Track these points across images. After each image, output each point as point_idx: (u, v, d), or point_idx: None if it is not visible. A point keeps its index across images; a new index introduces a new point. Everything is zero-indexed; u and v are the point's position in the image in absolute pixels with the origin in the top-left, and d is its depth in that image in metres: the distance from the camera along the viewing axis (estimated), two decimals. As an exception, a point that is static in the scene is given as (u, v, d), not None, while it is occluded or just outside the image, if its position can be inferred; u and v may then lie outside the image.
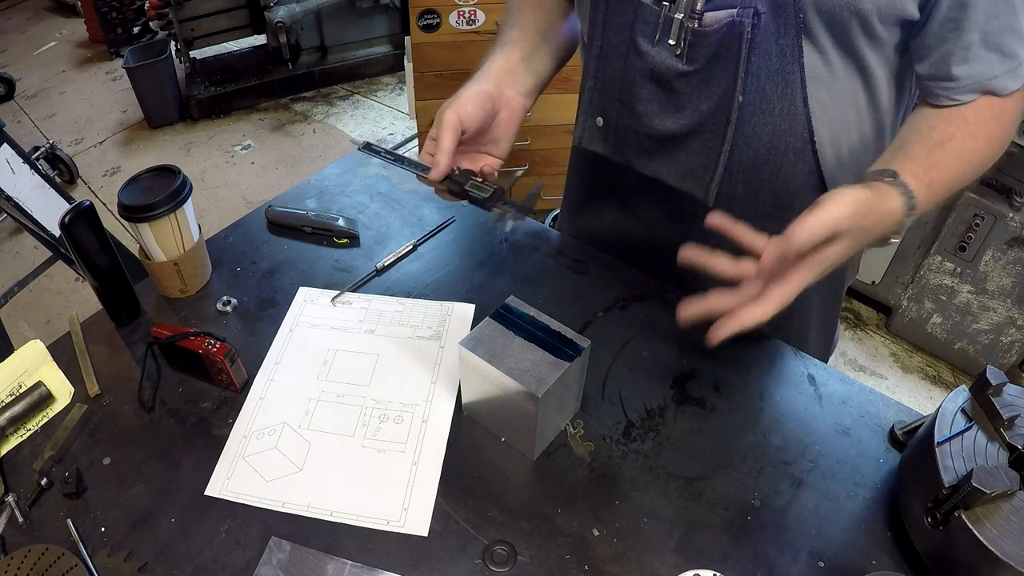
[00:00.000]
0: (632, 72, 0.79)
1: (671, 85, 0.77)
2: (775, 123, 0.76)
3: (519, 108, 0.84)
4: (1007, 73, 0.71)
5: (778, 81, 0.73)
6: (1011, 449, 0.62)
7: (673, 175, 0.83)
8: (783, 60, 0.72)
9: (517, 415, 0.69)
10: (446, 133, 0.75)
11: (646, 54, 0.76)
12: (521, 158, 2.39)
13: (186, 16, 3.26)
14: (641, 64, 0.78)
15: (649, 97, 0.80)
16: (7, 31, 4.43)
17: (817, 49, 0.72)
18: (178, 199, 0.85)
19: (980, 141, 0.73)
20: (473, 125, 0.77)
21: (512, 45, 0.87)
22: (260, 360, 0.84)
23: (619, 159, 0.87)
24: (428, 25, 2.17)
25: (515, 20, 0.89)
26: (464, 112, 0.76)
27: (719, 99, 0.75)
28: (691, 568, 0.63)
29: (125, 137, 3.36)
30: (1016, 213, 1.81)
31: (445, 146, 0.75)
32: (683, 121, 0.79)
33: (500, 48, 0.87)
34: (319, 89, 3.67)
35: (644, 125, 0.82)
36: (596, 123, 0.86)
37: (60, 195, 1.75)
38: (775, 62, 0.72)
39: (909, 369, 2.17)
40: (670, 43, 0.74)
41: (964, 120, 0.73)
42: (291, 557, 0.65)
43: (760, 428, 0.76)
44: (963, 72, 0.71)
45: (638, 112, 0.81)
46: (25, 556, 0.63)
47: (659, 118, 0.80)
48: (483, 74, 0.84)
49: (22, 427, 0.77)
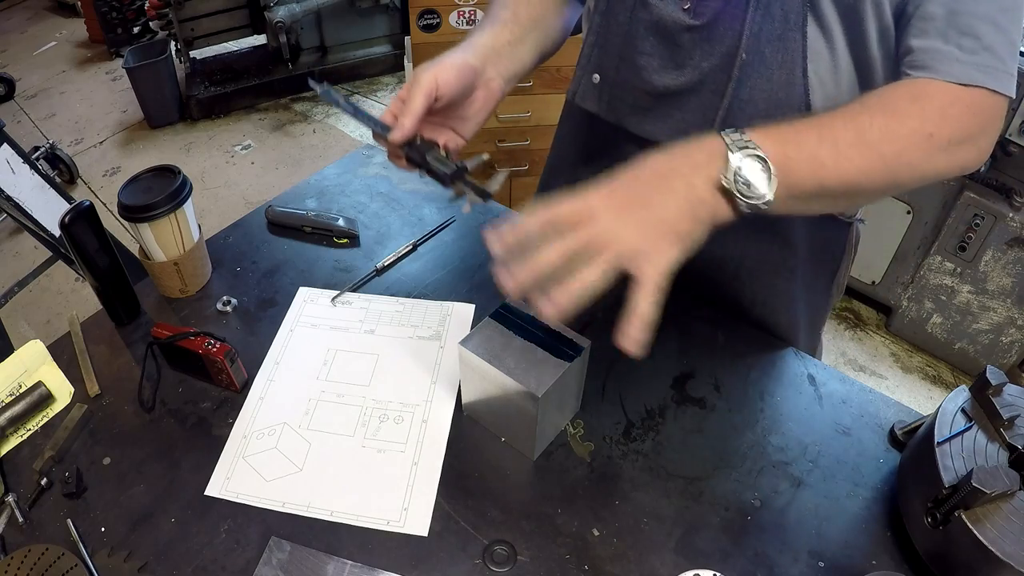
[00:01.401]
0: (636, 24, 0.78)
1: (675, 39, 0.77)
2: (772, 90, 0.75)
3: (497, 90, 0.81)
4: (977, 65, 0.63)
5: (778, 47, 0.73)
6: (1011, 449, 0.62)
7: (667, 134, 0.81)
8: (786, 25, 0.71)
9: (517, 415, 0.69)
10: (418, 94, 0.70)
11: (652, 5, 0.76)
12: (521, 158, 2.39)
13: (186, 16, 3.26)
14: (647, 16, 0.77)
15: (651, 51, 0.79)
16: (7, 31, 4.43)
17: (820, 24, 0.71)
18: (178, 199, 0.85)
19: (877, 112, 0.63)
20: (449, 94, 0.73)
21: (502, 25, 0.83)
22: (260, 360, 0.84)
23: (611, 118, 0.86)
24: (428, 25, 2.17)
25: (507, 2, 0.87)
26: (444, 78, 0.72)
27: (721, 57, 0.75)
28: (691, 568, 0.63)
29: (125, 137, 3.36)
30: (1016, 213, 1.81)
31: (414, 107, 0.70)
32: (683, 78, 0.78)
33: (489, 26, 0.84)
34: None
35: (643, 80, 0.81)
36: (592, 80, 0.85)
37: (60, 195, 1.75)
38: (778, 27, 0.71)
39: (909, 369, 2.17)
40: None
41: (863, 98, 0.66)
42: (291, 557, 0.65)
43: (760, 428, 0.76)
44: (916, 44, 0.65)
45: (638, 66, 0.80)
46: (25, 556, 0.63)
47: (659, 73, 0.79)
48: (468, 47, 0.80)
49: (22, 427, 0.77)
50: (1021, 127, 1.70)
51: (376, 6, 3.57)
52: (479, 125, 0.81)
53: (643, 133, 0.84)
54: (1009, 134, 1.73)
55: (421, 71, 0.72)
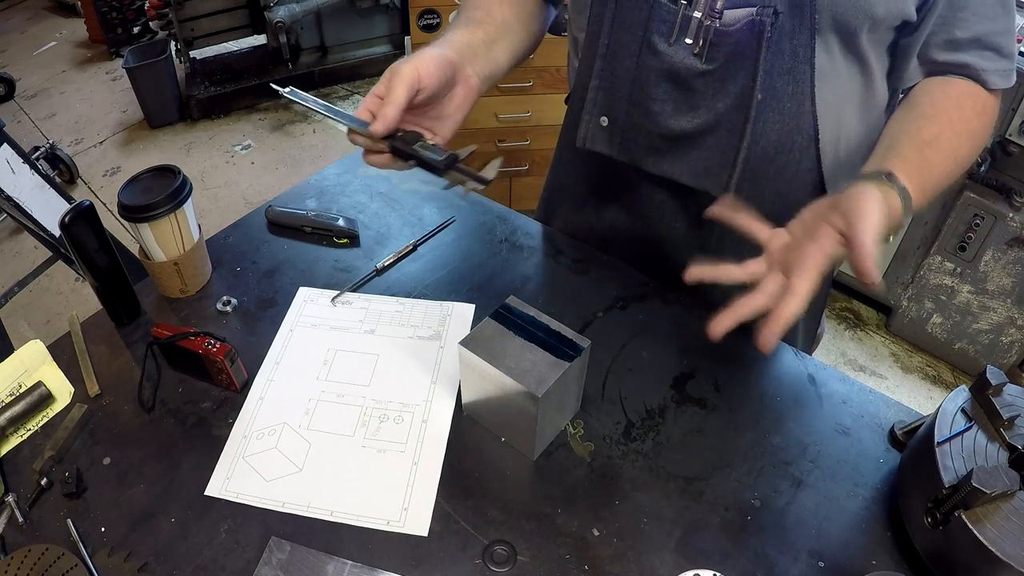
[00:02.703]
0: (646, 72, 0.77)
1: (688, 85, 0.76)
2: (784, 121, 0.76)
3: (475, 89, 0.78)
4: (1000, 71, 0.75)
5: (788, 80, 0.73)
6: (1011, 449, 0.62)
7: (687, 174, 0.81)
8: (795, 59, 0.72)
9: (517, 415, 0.69)
10: (400, 86, 0.67)
11: (663, 53, 0.75)
12: (521, 158, 2.38)
13: (186, 16, 3.25)
14: (657, 64, 0.76)
15: (664, 97, 0.78)
16: (7, 31, 4.43)
17: (826, 48, 0.72)
18: (178, 199, 0.85)
19: (964, 139, 0.75)
20: (431, 86, 0.70)
21: (476, 25, 0.81)
22: (260, 360, 0.84)
23: (625, 159, 0.85)
24: (428, 25, 2.17)
25: (480, 3, 0.85)
26: (425, 70, 0.69)
27: (735, 97, 0.74)
28: (691, 568, 0.63)
29: (125, 137, 3.36)
30: (1016, 213, 1.81)
31: (396, 98, 0.67)
32: (698, 120, 0.78)
33: (464, 25, 0.81)
34: (319, 89, 3.67)
35: (658, 124, 0.80)
36: (600, 123, 0.84)
37: (60, 195, 1.75)
38: (787, 61, 0.72)
39: (909, 369, 2.17)
40: (687, 42, 0.73)
41: (949, 119, 0.74)
42: (291, 557, 0.65)
43: (760, 428, 0.76)
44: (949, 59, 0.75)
45: (652, 112, 0.79)
46: (25, 556, 0.63)
47: (674, 117, 0.79)
48: (444, 43, 0.77)
49: (22, 427, 0.77)
50: (1021, 127, 1.70)
51: (376, 6, 3.56)
52: (457, 124, 0.78)
53: (662, 173, 0.83)
54: (1009, 134, 1.73)
55: (400, 64, 0.69)
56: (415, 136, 0.70)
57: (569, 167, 1.01)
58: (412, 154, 0.68)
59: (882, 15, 0.69)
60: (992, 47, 0.74)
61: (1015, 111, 1.69)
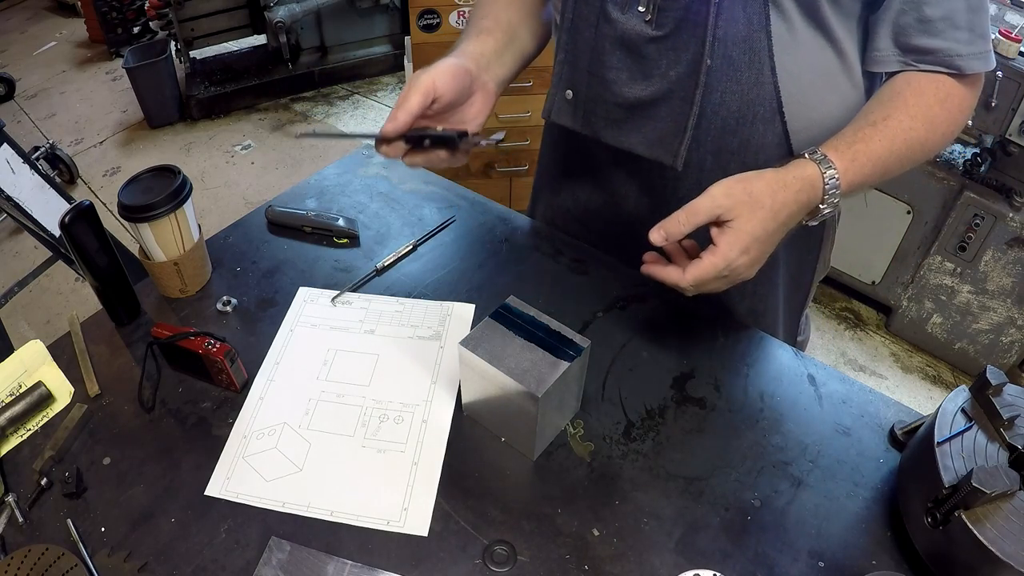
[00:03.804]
0: (602, 40, 0.79)
1: (640, 51, 0.77)
2: (743, 91, 0.77)
3: (493, 94, 0.82)
4: (976, 54, 0.73)
5: (745, 49, 0.74)
6: (1011, 449, 0.62)
7: (642, 144, 0.83)
8: (750, 27, 0.72)
9: (517, 415, 0.69)
10: (414, 94, 0.71)
11: (615, 21, 0.77)
12: (521, 158, 2.39)
13: (186, 16, 3.26)
14: (611, 31, 0.78)
15: (619, 64, 0.79)
16: (7, 31, 4.43)
17: (783, 17, 0.72)
18: (178, 199, 0.85)
19: (919, 122, 0.74)
20: (447, 96, 0.74)
21: (486, 34, 0.85)
22: (260, 360, 0.84)
23: (588, 132, 0.86)
24: (428, 25, 2.17)
25: (487, 12, 0.88)
26: (441, 79, 0.73)
27: (687, 64, 0.75)
28: (691, 568, 0.63)
29: (125, 137, 3.36)
30: (1016, 213, 1.81)
31: (409, 104, 0.70)
32: (652, 88, 0.79)
33: (474, 36, 0.85)
34: (319, 89, 3.67)
35: (613, 93, 0.81)
36: (565, 96, 0.86)
37: (60, 195, 1.75)
38: (742, 29, 0.73)
39: (909, 369, 2.17)
40: (639, 10, 0.75)
41: (904, 103, 0.74)
42: (291, 557, 0.65)
43: (760, 428, 0.76)
44: (925, 44, 0.73)
45: (607, 80, 0.81)
46: (25, 556, 0.63)
47: (628, 86, 0.80)
48: (458, 54, 0.81)
49: (22, 427, 0.77)
50: (1021, 127, 1.70)
51: (376, 6, 3.57)
52: (479, 129, 0.81)
53: (619, 144, 0.85)
54: (1009, 134, 1.73)
55: (418, 73, 0.73)
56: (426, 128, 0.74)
57: (547, 154, 1.05)
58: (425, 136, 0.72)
59: None
60: (964, 26, 0.72)
61: (1015, 111, 1.69)
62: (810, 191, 0.69)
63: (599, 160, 0.93)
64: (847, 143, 0.72)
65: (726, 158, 0.82)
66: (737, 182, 0.68)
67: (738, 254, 0.67)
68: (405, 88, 0.73)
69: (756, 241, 0.67)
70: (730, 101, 0.77)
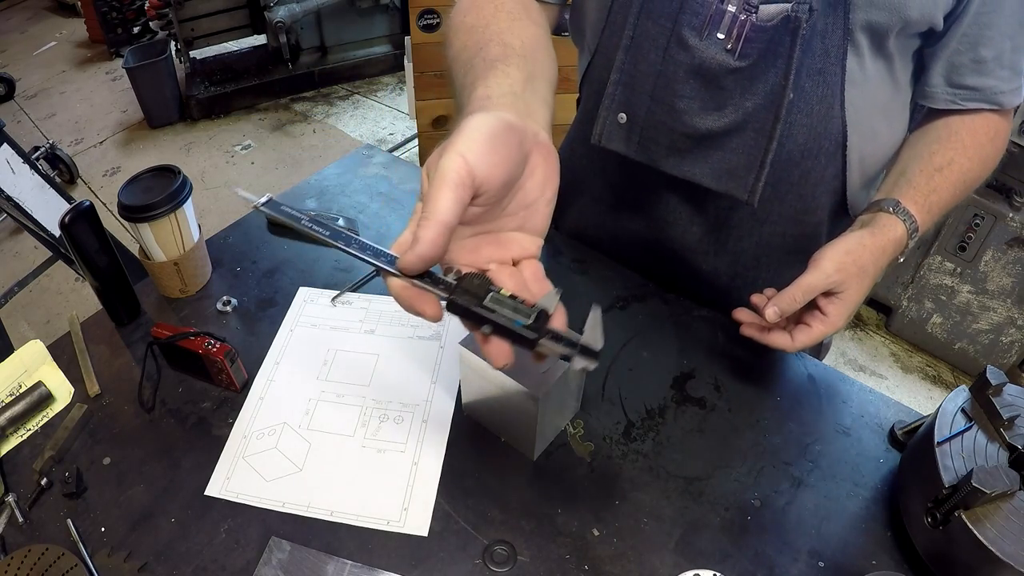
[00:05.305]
0: (674, 67, 0.73)
1: (718, 82, 0.72)
2: (812, 124, 0.75)
3: (550, 149, 0.54)
4: (1015, 90, 0.76)
5: (818, 81, 0.72)
6: (1011, 449, 0.62)
7: (709, 175, 0.77)
8: (826, 60, 0.71)
9: (517, 415, 0.69)
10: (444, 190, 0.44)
11: (693, 48, 0.71)
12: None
13: (186, 16, 3.26)
14: (686, 58, 0.71)
15: (691, 94, 0.73)
16: (7, 31, 4.43)
17: (856, 51, 0.71)
18: (178, 199, 0.85)
19: (976, 163, 0.77)
20: (496, 181, 0.47)
21: (504, 63, 0.61)
22: (260, 360, 0.84)
23: (643, 160, 0.79)
24: (428, 25, 2.17)
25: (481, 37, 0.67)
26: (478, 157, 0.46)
27: (765, 96, 0.71)
28: (691, 568, 0.63)
29: (125, 137, 3.36)
30: (1016, 213, 1.81)
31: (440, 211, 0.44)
32: (726, 120, 0.73)
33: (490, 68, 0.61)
34: (319, 89, 3.68)
35: (683, 124, 0.75)
36: (618, 119, 0.78)
37: (60, 195, 1.75)
38: (818, 61, 0.71)
39: (909, 369, 2.17)
40: (719, 37, 0.69)
41: (963, 144, 0.77)
42: (291, 557, 0.65)
43: (760, 428, 0.76)
44: (976, 83, 0.75)
45: (677, 109, 0.74)
46: (25, 556, 0.63)
47: (699, 116, 0.74)
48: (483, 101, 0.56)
49: (22, 427, 0.77)
50: (1021, 127, 1.70)
51: (376, 6, 3.57)
52: (551, 207, 0.55)
53: (681, 175, 0.78)
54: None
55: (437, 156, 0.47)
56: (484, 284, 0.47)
57: (581, 164, 0.94)
58: (483, 317, 0.46)
59: (915, 18, 0.68)
60: (1009, 65, 0.74)
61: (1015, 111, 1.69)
62: (897, 249, 0.73)
63: (646, 184, 0.87)
64: (923, 194, 0.74)
65: (784, 189, 0.80)
66: (846, 255, 0.69)
67: (845, 320, 0.70)
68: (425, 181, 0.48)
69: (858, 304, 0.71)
70: (798, 134, 0.75)
